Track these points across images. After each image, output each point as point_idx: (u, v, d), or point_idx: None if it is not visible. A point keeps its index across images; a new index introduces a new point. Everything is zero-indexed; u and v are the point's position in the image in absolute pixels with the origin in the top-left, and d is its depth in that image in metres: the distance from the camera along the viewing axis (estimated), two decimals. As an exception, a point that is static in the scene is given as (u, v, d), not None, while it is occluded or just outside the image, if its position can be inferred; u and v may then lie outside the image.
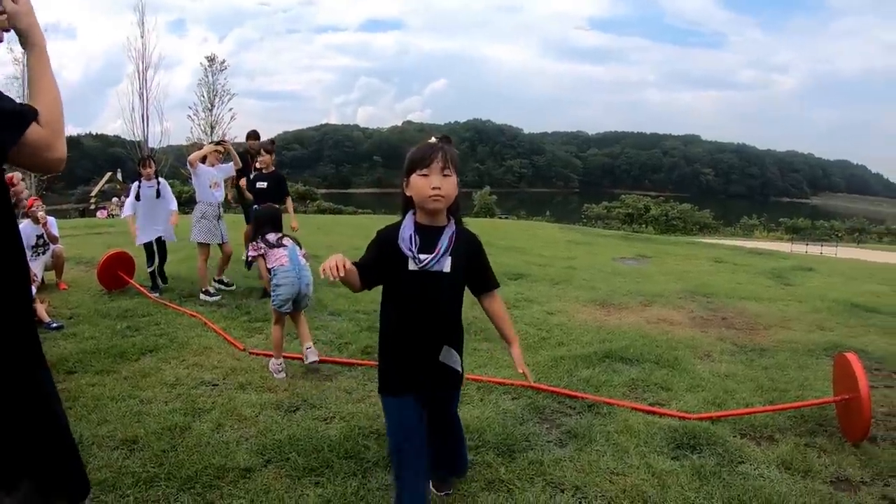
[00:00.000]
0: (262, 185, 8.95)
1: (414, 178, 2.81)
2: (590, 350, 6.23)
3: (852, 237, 45.80)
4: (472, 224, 15.75)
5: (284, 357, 5.65)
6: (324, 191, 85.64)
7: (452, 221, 2.95)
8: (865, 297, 10.60)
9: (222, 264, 9.09)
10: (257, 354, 5.95)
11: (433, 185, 2.76)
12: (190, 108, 47.00)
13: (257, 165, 9.18)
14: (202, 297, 8.35)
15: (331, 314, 7.50)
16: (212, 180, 8.68)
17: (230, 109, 47.67)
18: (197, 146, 44.97)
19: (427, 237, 2.85)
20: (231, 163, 9.23)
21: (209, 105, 46.90)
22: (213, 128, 46.06)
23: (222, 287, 8.94)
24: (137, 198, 8.77)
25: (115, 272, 8.58)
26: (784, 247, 30.97)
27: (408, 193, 2.87)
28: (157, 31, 71.02)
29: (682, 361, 6.05)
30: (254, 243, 5.81)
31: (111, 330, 6.59)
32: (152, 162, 9.21)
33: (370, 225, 14.53)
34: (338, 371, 5.53)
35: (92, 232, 17.12)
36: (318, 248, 11.16)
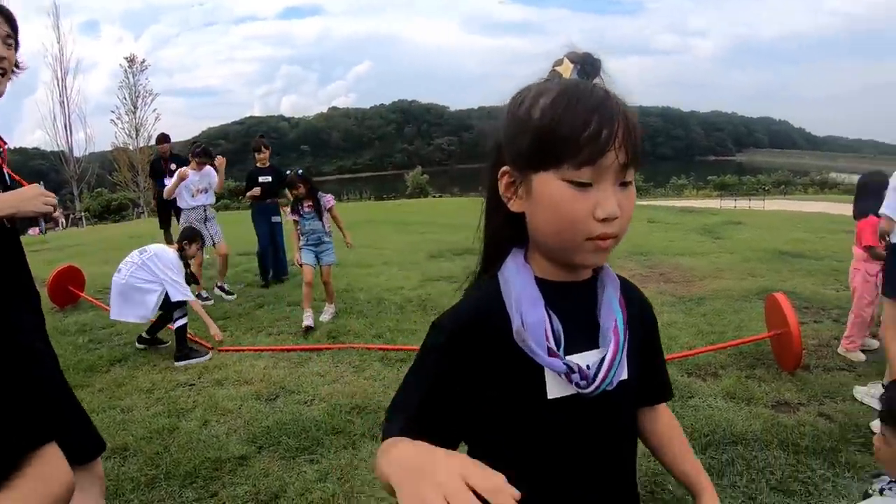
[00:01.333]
0: (266, 178, 8.85)
1: (546, 181, 1.10)
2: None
3: (778, 190, 46.99)
4: (411, 206, 15.80)
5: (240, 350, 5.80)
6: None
7: (609, 268, 1.29)
8: (791, 245, 11.29)
9: (220, 268, 8.54)
10: (227, 350, 6.02)
11: (605, 208, 1.07)
12: (112, 111, 45.51)
13: (258, 164, 8.96)
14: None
15: (289, 304, 7.62)
16: (195, 187, 8.19)
17: (154, 110, 46.45)
18: (123, 150, 44.00)
19: (571, 312, 1.21)
20: (213, 173, 8.51)
21: (132, 107, 45.55)
22: (137, 130, 44.84)
23: (223, 295, 8.30)
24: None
25: (65, 288, 8.15)
26: (713, 203, 31.79)
27: (515, 209, 1.18)
28: (73, 35, 67.99)
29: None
30: None
31: (73, 345, 6.35)
32: None
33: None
34: (307, 357, 5.71)
35: (29, 250, 16.74)
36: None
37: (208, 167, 8.32)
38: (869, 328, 5.34)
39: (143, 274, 5.70)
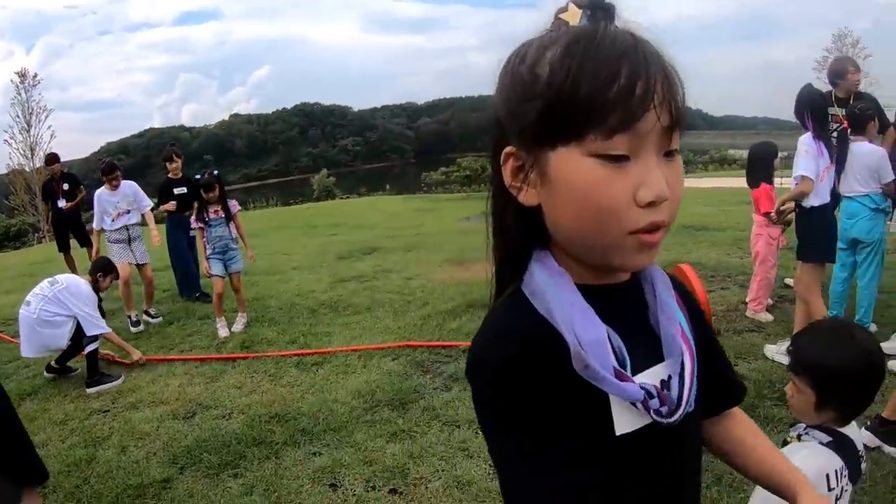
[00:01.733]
0: (181, 190, 8.34)
1: (566, 159, 0.85)
2: (453, 304, 6.65)
3: (708, 171, 48.41)
4: (318, 209, 15.75)
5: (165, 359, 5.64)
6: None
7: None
8: (695, 218, 11.76)
9: (147, 291, 7.82)
10: (152, 360, 5.96)
11: (651, 188, 0.83)
12: (5, 131, 43.43)
13: (170, 175, 8.43)
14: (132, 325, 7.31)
15: (200, 319, 7.46)
16: (115, 210, 7.44)
17: (49, 127, 44.47)
18: (19, 172, 42.14)
19: (622, 321, 0.96)
20: (139, 194, 7.81)
21: (26, 125, 43.47)
22: (32, 150, 42.86)
23: (149, 319, 7.62)
24: None
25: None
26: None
27: (528, 203, 0.93)
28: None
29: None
30: None
31: (-27, 384, 5.98)
32: None
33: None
34: (221, 371, 5.61)
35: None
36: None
37: (125, 185, 7.60)
38: (772, 290, 5.62)
39: (53, 308, 5.39)
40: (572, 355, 0.87)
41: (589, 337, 0.88)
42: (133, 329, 7.13)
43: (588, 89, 0.80)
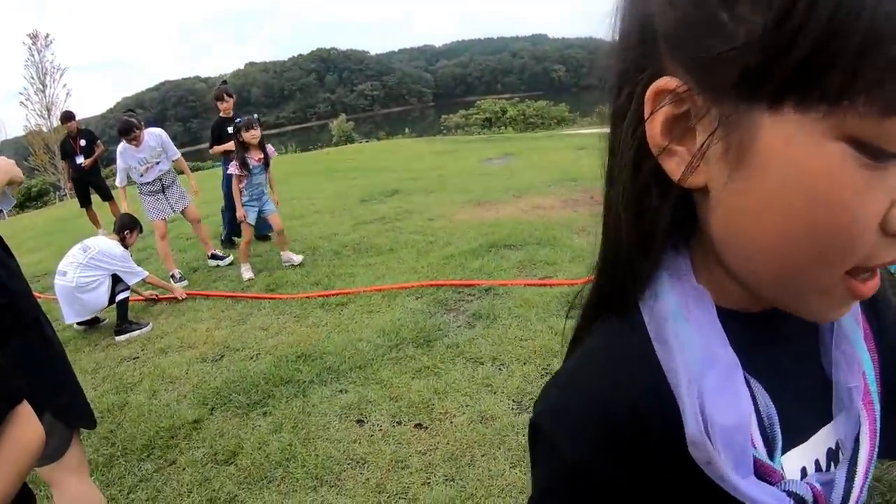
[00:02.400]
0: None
1: (797, 131, 0.46)
2: (475, 244, 6.62)
3: None
4: (338, 154, 15.59)
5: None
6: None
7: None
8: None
9: (200, 235, 7.59)
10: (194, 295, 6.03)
11: None
12: (21, 93, 43.27)
13: (222, 114, 8.00)
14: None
15: (211, 258, 7.54)
16: (142, 166, 6.92)
17: (64, 86, 44.24)
18: (37, 133, 42.14)
19: (777, 363, 0.65)
20: (166, 144, 7.16)
21: (41, 86, 43.33)
22: (49, 110, 42.76)
23: (219, 263, 7.43)
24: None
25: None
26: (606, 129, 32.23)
27: (689, 184, 0.54)
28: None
29: (562, 239, 6.53)
30: None
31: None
32: None
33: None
34: (248, 313, 5.67)
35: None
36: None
37: (149, 137, 6.94)
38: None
39: (90, 272, 5.50)
40: (689, 442, 0.58)
41: (724, 416, 0.57)
42: (180, 285, 6.74)
43: (877, 16, 0.41)
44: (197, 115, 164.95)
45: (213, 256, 7.52)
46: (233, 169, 6.47)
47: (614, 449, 0.61)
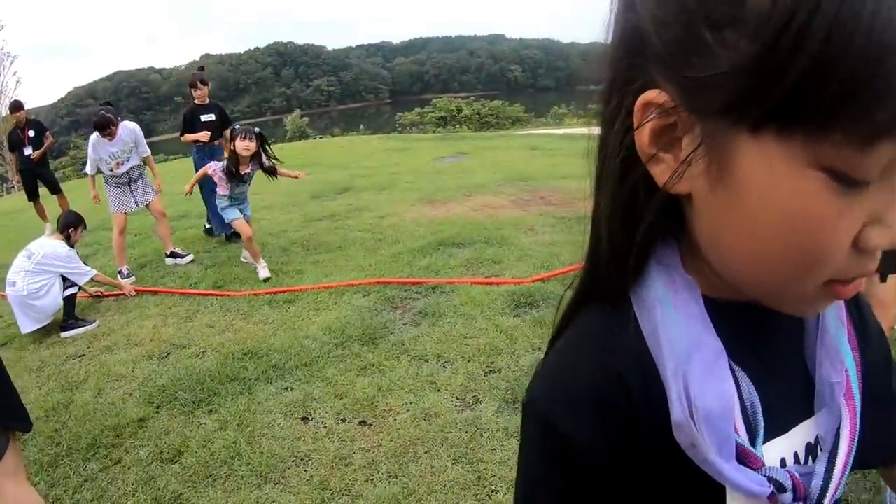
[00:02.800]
0: (209, 116, 7.85)
1: (778, 162, 0.49)
2: (424, 242, 6.66)
3: None
4: (289, 150, 15.43)
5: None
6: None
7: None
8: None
9: (161, 232, 7.29)
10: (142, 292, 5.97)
11: (890, 230, 0.51)
12: None
13: (196, 101, 7.81)
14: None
15: (170, 256, 7.32)
16: (113, 160, 6.75)
17: (14, 74, 43.06)
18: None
19: (760, 353, 0.68)
20: (138, 139, 7.00)
21: None
22: (-3, 98, 41.51)
23: (178, 261, 7.16)
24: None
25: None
26: (596, 130, 32.41)
27: (674, 190, 0.57)
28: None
29: (509, 238, 6.61)
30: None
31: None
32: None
33: (181, 169, 14.13)
34: (195, 310, 5.62)
35: None
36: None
37: (122, 131, 6.73)
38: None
39: (38, 278, 5.40)
40: (673, 424, 0.61)
41: (708, 400, 0.60)
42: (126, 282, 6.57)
43: (869, 46, 0.42)
44: (150, 107, 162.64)
45: (173, 255, 7.21)
46: (212, 166, 6.34)
47: (609, 427, 0.64)
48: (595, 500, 0.66)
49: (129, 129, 6.88)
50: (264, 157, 6.37)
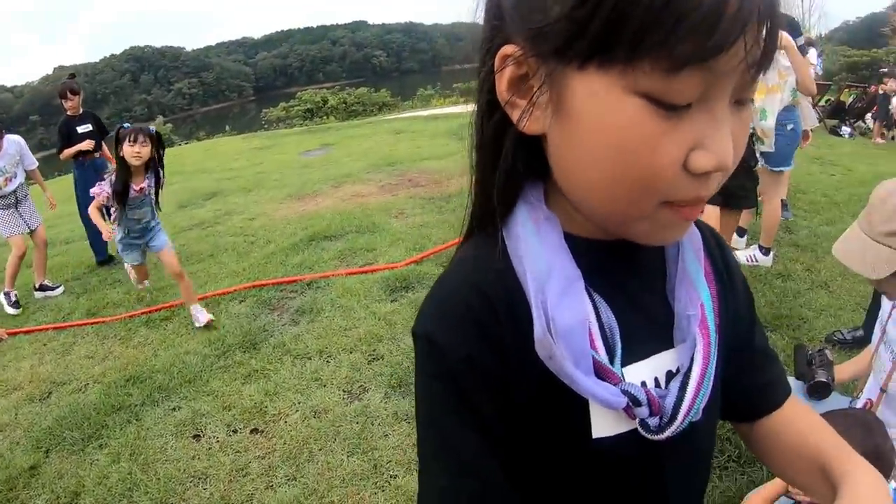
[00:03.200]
0: (85, 127, 7.04)
1: (600, 90, 0.59)
2: (295, 239, 6.63)
3: None
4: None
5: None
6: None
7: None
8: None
9: (38, 262, 6.65)
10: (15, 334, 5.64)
11: (715, 153, 0.59)
12: None
13: (69, 112, 7.07)
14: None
15: (39, 289, 6.82)
16: (1, 178, 6.21)
17: None
18: None
19: (622, 288, 0.77)
20: (24, 151, 6.52)
21: None
22: None
23: (49, 294, 6.61)
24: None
25: None
26: (460, 109, 32.55)
27: (528, 130, 0.68)
28: None
29: (380, 224, 6.68)
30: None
31: None
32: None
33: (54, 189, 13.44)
34: (71, 343, 5.36)
35: None
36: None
37: (7, 144, 6.25)
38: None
39: None
40: (535, 340, 0.68)
41: (564, 316, 0.68)
42: (12, 311, 6.22)
43: None
44: (9, 129, 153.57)
45: (42, 288, 6.67)
46: (96, 190, 4.81)
47: (481, 340, 0.71)
48: (482, 415, 0.72)
49: (13, 141, 6.42)
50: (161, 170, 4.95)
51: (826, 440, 0.86)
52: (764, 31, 0.56)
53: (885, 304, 2.36)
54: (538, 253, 0.71)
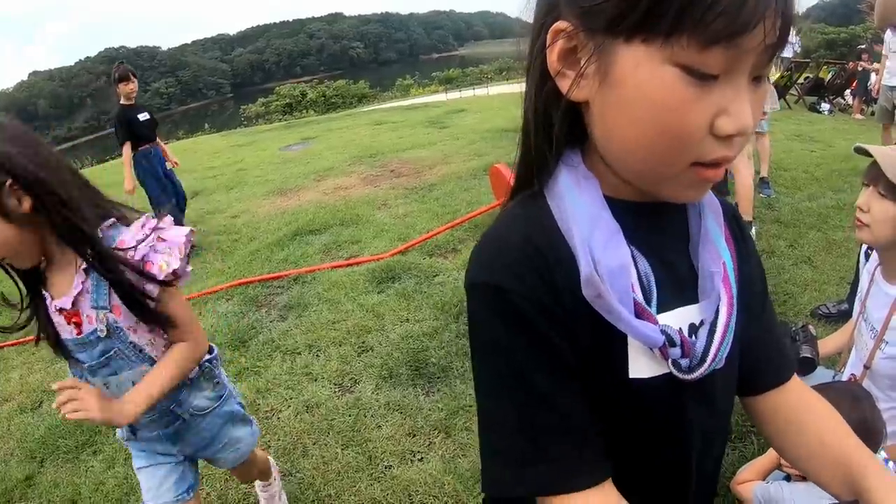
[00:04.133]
0: (144, 116, 6.82)
1: (642, 61, 0.69)
2: (279, 235, 6.59)
3: (501, 76, 49.03)
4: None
5: None
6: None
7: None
8: (513, 122, 11.76)
9: None
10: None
11: (737, 119, 0.70)
12: None
13: (125, 100, 6.68)
14: None
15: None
16: None
17: None
18: None
19: (655, 247, 0.86)
20: None
21: None
22: None
23: None
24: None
25: None
26: (439, 97, 32.58)
27: (575, 97, 0.78)
28: None
29: (364, 216, 6.66)
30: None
31: None
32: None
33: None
34: None
35: None
36: None
37: None
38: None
39: None
40: (583, 280, 0.77)
41: (609, 260, 0.78)
42: None
43: None
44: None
45: None
46: None
47: (539, 283, 0.79)
48: (555, 349, 0.80)
49: None
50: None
51: (837, 431, 0.95)
52: (779, 21, 0.66)
53: (864, 279, 2.37)
54: (581, 207, 0.80)
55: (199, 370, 2.00)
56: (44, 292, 1.77)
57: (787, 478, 2.20)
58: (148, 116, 6.79)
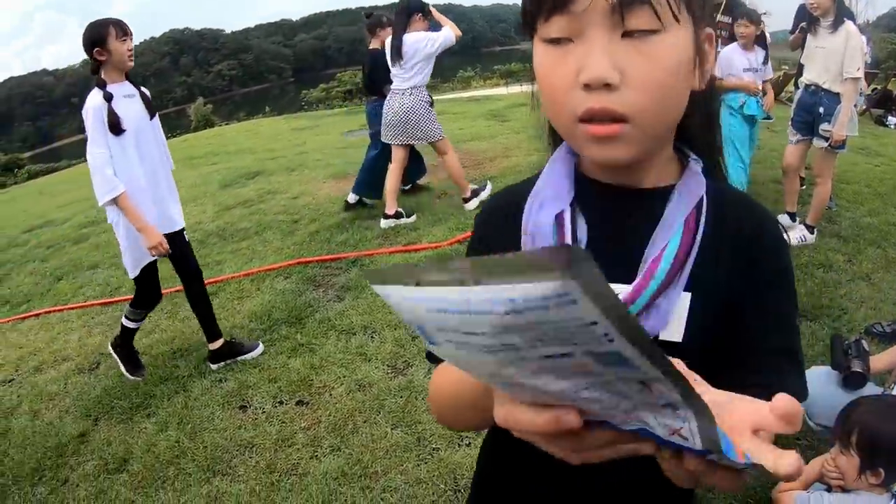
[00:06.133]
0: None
1: (535, 44, 0.87)
2: (339, 218, 6.71)
3: None
4: (194, 140, 14.78)
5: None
6: (29, 153, 77.30)
7: (696, 173, 0.94)
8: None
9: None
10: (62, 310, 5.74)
11: (587, 69, 0.78)
12: None
13: (375, 45, 6.69)
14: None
15: (89, 269, 7.04)
16: None
17: None
18: None
19: (622, 230, 0.93)
20: None
21: None
22: None
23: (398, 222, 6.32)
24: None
25: None
26: (500, 91, 32.37)
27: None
28: None
29: (424, 204, 6.80)
30: None
31: None
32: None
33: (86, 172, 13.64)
34: (119, 316, 5.31)
35: None
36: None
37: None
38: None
39: None
40: (522, 232, 0.94)
41: (538, 217, 0.92)
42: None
43: None
44: (48, 113, 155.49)
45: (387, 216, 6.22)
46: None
47: (500, 224, 1.01)
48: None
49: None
50: None
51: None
52: None
53: None
54: (547, 175, 0.97)
55: None
56: None
57: (828, 489, 2.22)
58: None
